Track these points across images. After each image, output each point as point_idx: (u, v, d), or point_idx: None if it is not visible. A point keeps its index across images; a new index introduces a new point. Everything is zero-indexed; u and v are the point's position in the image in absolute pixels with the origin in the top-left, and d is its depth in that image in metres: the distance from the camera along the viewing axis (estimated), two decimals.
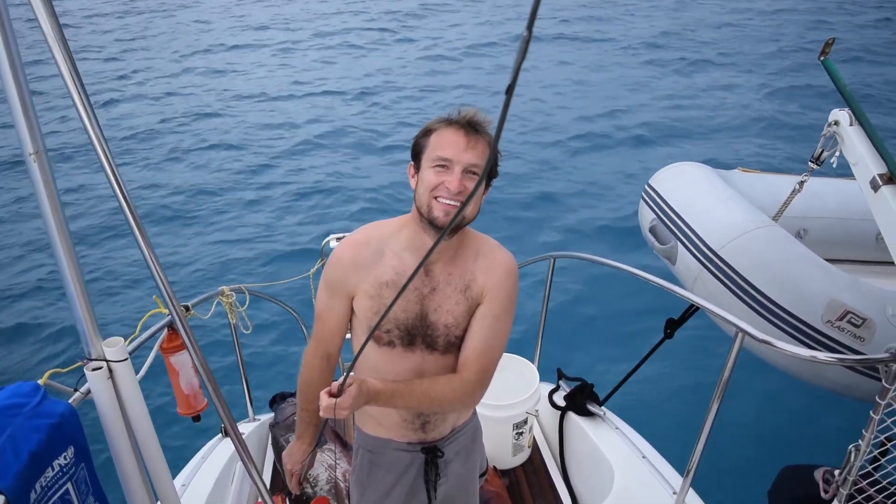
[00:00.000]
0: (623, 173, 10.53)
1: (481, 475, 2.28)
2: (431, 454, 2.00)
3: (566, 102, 13.92)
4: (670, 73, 15.50)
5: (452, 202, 1.67)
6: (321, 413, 1.55)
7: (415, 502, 2.05)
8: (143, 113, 14.48)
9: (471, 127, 1.69)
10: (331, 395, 1.54)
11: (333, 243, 4.15)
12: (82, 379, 1.84)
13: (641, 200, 4.76)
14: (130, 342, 2.12)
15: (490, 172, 1.73)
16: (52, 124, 13.23)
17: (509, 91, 0.61)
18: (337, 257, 1.87)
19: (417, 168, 1.76)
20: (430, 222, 1.71)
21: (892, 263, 4.37)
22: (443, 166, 1.67)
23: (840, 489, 2.16)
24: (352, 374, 1.56)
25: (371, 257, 1.82)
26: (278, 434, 3.44)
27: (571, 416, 3.43)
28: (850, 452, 2.13)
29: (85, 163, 11.59)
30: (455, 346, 1.87)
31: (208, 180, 11.04)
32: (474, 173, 1.68)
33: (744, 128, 12.11)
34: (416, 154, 1.76)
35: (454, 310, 1.83)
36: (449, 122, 1.71)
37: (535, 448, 3.60)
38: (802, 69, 14.79)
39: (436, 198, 1.68)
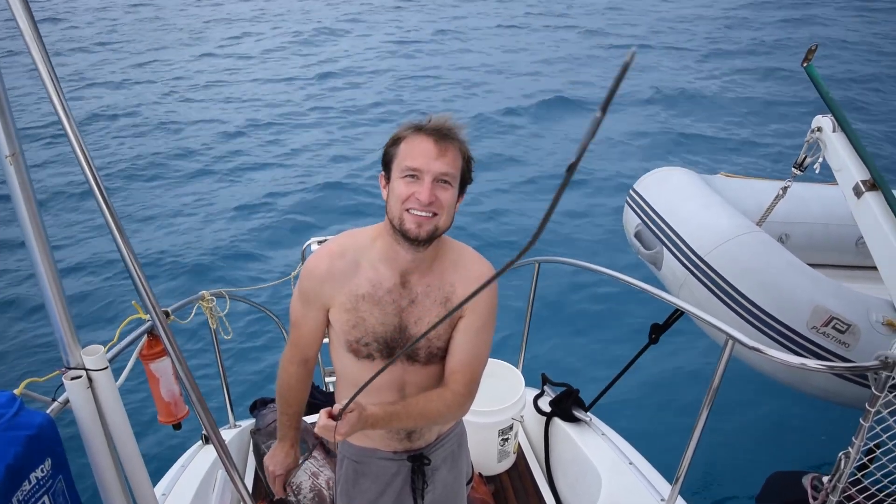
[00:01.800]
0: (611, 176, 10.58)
1: (468, 482, 2.25)
2: (418, 462, 1.97)
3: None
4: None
5: (424, 213, 1.63)
6: (316, 431, 1.51)
7: None
8: (120, 103, 14.38)
9: (440, 134, 1.63)
10: (330, 416, 1.50)
11: (315, 246, 4.11)
12: (60, 388, 1.79)
13: (626, 205, 4.76)
14: (109, 349, 2.07)
15: (463, 178, 1.72)
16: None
17: (571, 169, 0.57)
18: (311, 269, 1.82)
19: (388, 178, 1.71)
20: (402, 234, 1.67)
21: (870, 268, 4.41)
22: (413, 176, 1.63)
23: (830, 496, 2.16)
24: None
25: (346, 269, 1.78)
26: (260, 441, 3.39)
27: (557, 421, 3.41)
28: (840, 459, 2.13)
29: (56, 156, 11.46)
30: (437, 357, 1.85)
31: (184, 179, 10.96)
32: (446, 182, 1.64)
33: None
34: (387, 163, 1.71)
35: (436, 320, 1.79)
36: (418, 128, 1.66)
37: (520, 454, 3.58)
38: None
39: (407, 210, 1.64)
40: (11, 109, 1.31)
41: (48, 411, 1.73)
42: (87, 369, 1.68)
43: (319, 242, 4.13)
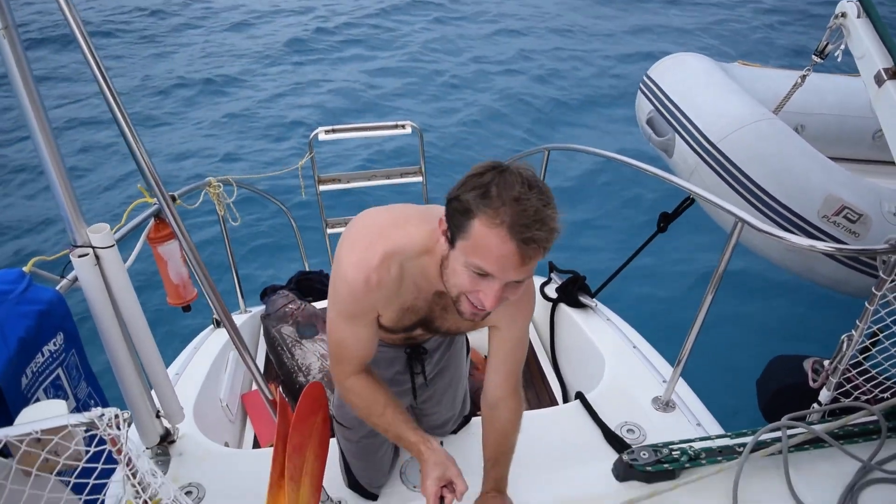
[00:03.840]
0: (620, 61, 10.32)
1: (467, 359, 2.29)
2: (415, 350, 1.97)
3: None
4: None
5: (483, 310, 1.41)
6: None
7: (399, 392, 2.03)
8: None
9: (531, 241, 1.26)
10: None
11: (322, 136, 4.05)
12: (68, 267, 1.80)
13: (639, 91, 4.65)
14: (117, 231, 2.07)
15: None
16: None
17: None
18: (356, 286, 1.53)
19: (450, 239, 1.38)
20: (453, 302, 1.48)
21: (886, 163, 4.34)
22: (482, 274, 1.34)
23: (830, 377, 2.19)
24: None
25: (393, 285, 1.56)
26: (270, 325, 3.45)
27: (563, 307, 3.44)
28: (843, 342, 2.15)
29: (62, 45, 11.22)
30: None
31: (191, 69, 10.74)
32: (519, 283, 1.38)
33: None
34: (451, 225, 1.37)
35: (461, 325, 1.72)
36: (500, 217, 1.26)
37: None
38: None
39: (466, 296, 1.41)
40: None
41: (57, 288, 1.74)
42: (93, 247, 1.69)
43: (327, 132, 4.07)
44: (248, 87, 10.34)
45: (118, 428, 1.29)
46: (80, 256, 1.67)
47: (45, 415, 1.29)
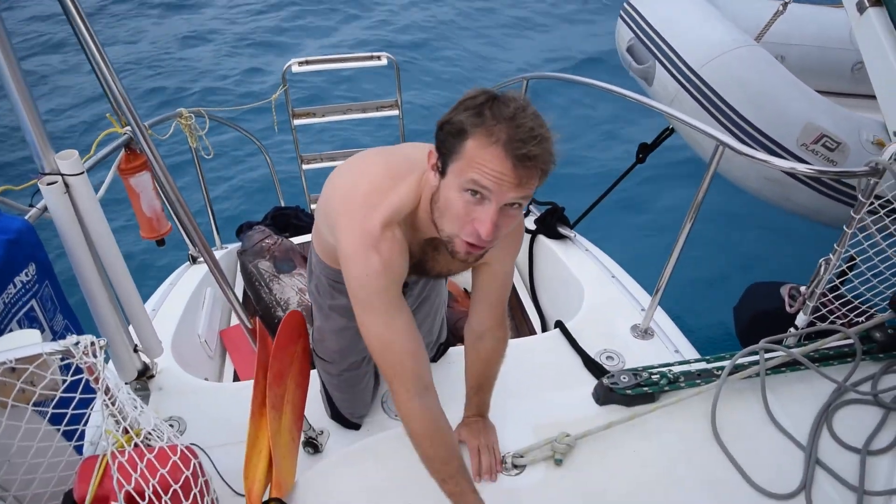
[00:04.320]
0: None
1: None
2: None
3: None
4: None
5: (479, 244, 1.35)
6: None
7: None
8: None
9: (526, 157, 1.23)
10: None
11: (296, 68, 3.94)
12: (38, 197, 1.74)
13: (619, 19, 4.56)
14: (86, 161, 2.01)
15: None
16: None
17: None
18: (372, 274, 1.44)
19: (441, 168, 1.34)
20: (446, 246, 1.42)
21: (865, 97, 4.33)
22: (476, 193, 1.28)
23: (807, 301, 2.21)
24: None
25: (401, 246, 1.49)
26: (247, 261, 3.41)
27: (541, 238, 3.44)
28: (820, 266, 2.17)
29: None
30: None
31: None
32: (516, 205, 1.31)
33: None
34: (442, 152, 1.33)
35: (452, 266, 1.69)
36: (495, 135, 1.23)
37: None
38: None
39: (459, 234, 1.36)
40: None
41: (26, 217, 1.69)
42: (62, 174, 1.63)
43: (301, 63, 3.96)
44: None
45: (94, 356, 1.28)
46: (48, 184, 1.62)
47: (18, 344, 1.26)
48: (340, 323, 1.95)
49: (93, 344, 1.25)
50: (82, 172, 1.67)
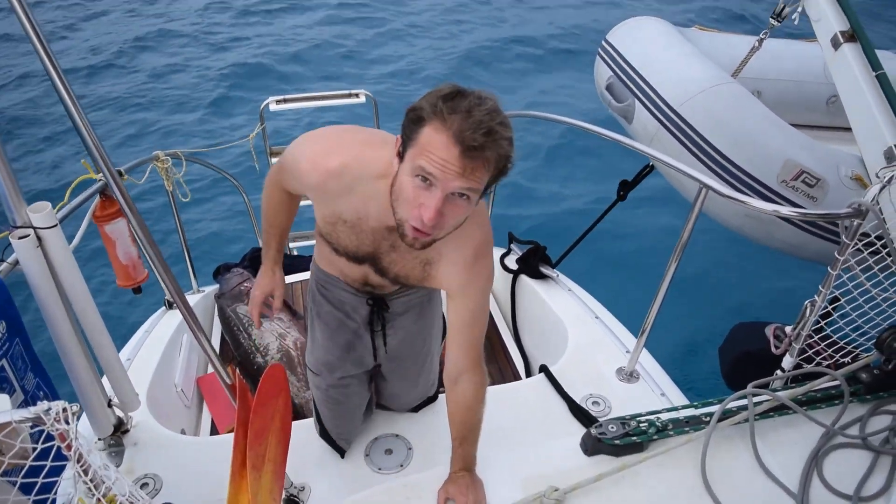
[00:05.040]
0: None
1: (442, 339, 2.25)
2: (378, 304, 1.94)
3: None
4: None
5: (423, 229, 1.38)
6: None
7: (360, 346, 2.01)
8: None
9: (472, 147, 1.26)
10: None
11: (273, 106, 3.93)
12: (8, 250, 1.69)
13: (598, 57, 4.60)
14: (60, 210, 1.96)
15: (491, 183, 1.40)
16: None
17: None
18: (300, 172, 1.63)
19: (401, 153, 1.39)
20: (396, 227, 1.46)
21: (840, 129, 4.39)
22: (424, 179, 1.32)
23: (793, 343, 2.20)
24: None
25: (338, 190, 1.58)
26: (224, 304, 3.35)
27: (524, 279, 3.42)
28: (806, 308, 2.16)
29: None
30: (405, 286, 1.85)
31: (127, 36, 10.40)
32: (463, 196, 1.34)
33: None
34: (404, 138, 1.38)
35: (410, 273, 1.71)
36: (447, 125, 1.27)
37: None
38: None
39: (409, 221, 1.40)
40: None
41: None
42: (34, 227, 1.58)
43: (278, 102, 3.95)
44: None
45: (66, 422, 1.21)
46: (20, 238, 1.57)
47: None
48: (326, 333, 1.99)
49: (65, 410, 1.19)
50: (56, 225, 1.62)
